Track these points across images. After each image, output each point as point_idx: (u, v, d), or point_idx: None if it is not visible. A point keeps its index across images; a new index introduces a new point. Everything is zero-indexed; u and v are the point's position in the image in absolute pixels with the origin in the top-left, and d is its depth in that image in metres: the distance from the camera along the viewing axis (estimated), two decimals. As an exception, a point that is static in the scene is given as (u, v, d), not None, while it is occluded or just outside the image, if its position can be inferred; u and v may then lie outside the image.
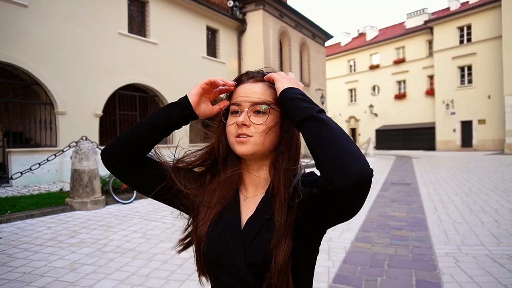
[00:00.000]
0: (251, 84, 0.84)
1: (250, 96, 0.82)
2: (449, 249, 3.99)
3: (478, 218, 5.41)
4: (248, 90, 0.83)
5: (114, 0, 10.73)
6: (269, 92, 0.83)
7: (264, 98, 0.82)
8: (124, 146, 0.85)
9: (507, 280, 3.10)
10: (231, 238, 0.81)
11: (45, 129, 9.34)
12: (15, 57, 8.38)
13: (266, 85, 0.84)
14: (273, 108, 0.82)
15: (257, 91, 0.83)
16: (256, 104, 0.81)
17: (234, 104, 0.84)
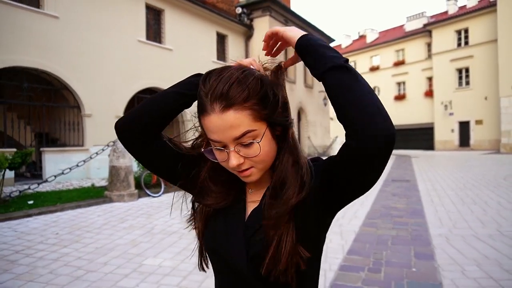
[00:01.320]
0: (221, 116, 0.67)
1: (227, 132, 0.68)
2: (442, 231, 4.77)
3: (469, 208, 6.20)
4: (220, 124, 0.68)
5: (133, 9, 11.53)
6: (245, 117, 0.68)
7: (244, 128, 0.68)
8: (147, 115, 0.79)
9: (487, 250, 3.89)
10: (234, 230, 0.77)
11: (73, 130, 10.13)
12: (49, 65, 9.17)
13: (237, 110, 0.67)
14: (260, 133, 0.70)
15: (232, 123, 0.67)
16: (239, 138, 0.69)
17: (213, 141, 0.71)
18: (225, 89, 0.67)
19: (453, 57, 26.64)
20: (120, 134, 0.82)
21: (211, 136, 0.70)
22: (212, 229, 0.81)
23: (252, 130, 0.69)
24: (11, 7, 8.50)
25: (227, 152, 0.70)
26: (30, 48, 8.78)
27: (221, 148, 0.71)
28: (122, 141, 0.82)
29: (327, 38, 22.77)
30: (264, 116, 0.70)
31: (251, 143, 0.69)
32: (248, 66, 0.74)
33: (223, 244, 0.77)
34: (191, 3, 13.44)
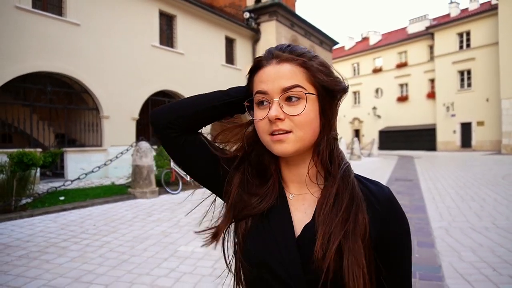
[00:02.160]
0: (276, 66, 0.67)
1: (277, 81, 0.66)
2: (442, 224, 5.26)
3: (468, 205, 6.67)
4: (273, 73, 0.67)
5: (147, 15, 12.06)
6: (299, 72, 0.67)
7: (295, 82, 0.66)
8: (189, 106, 0.77)
9: (482, 240, 4.37)
10: (284, 246, 0.68)
11: (92, 131, 10.66)
12: (71, 69, 9.71)
13: (294, 64, 0.67)
14: (309, 92, 0.67)
15: (285, 74, 0.66)
16: (287, 90, 0.66)
17: (259, 92, 0.68)
18: (284, 45, 0.71)
19: (455, 60, 27.07)
20: (156, 120, 0.78)
21: (259, 86, 0.68)
22: (256, 241, 0.72)
23: (302, 87, 0.67)
24: (37, 15, 9.04)
25: (269, 105, 0.67)
26: (54, 54, 9.32)
27: (265, 101, 0.68)
28: (156, 127, 0.78)
29: (331, 41, 23.28)
30: (318, 81, 0.68)
31: (297, 100, 0.66)
32: None
33: (270, 261, 0.68)
34: (201, 9, 13.97)
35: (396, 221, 0.71)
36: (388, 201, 0.71)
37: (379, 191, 0.72)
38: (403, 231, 0.72)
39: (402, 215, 0.73)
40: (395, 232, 0.71)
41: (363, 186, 0.72)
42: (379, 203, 0.70)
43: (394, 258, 0.71)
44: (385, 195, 0.72)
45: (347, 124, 35.88)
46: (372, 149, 22.69)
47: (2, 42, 8.31)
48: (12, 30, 8.49)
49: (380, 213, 0.69)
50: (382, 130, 32.91)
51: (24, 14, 8.73)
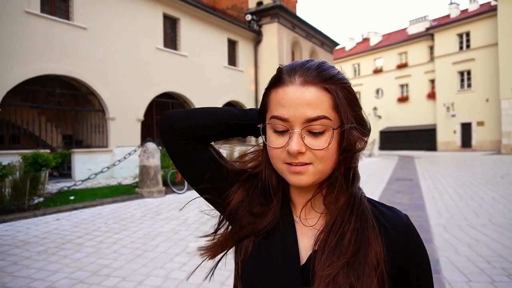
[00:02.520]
0: (300, 89, 0.59)
1: (301, 109, 0.58)
2: (440, 222, 5.45)
3: (466, 203, 6.87)
4: (297, 98, 0.58)
5: (151, 18, 12.28)
6: (325, 99, 0.59)
7: (321, 112, 0.58)
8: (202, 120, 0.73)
9: (478, 236, 4.56)
10: (287, 274, 0.63)
11: (98, 133, 10.88)
12: (78, 72, 9.93)
13: (320, 89, 0.59)
14: (336, 128, 0.60)
15: (311, 101, 0.58)
16: (312, 122, 0.58)
17: (278, 118, 0.60)
18: (312, 65, 0.62)
19: (455, 60, 27.26)
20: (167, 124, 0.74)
21: (278, 111, 0.60)
22: (256, 264, 0.67)
23: (328, 119, 0.59)
24: (45, 19, 9.26)
25: (290, 135, 0.60)
26: (61, 57, 9.54)
27: (283, 130, 0.61)
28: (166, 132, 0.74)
29: (332, 42, 23.49)
30: (343, 110, 0.61)
31: (321, 133, 0.59)
32: None
33: (277, 286, 0.63)
34: (204, 11, 14.19)
35: (416, 252, 0.65)
36: (406, 229, 0.65)
37: (396, 218, 0.66)
38: (423, 262, 0.66)
39: (422, 245, 0.67)
40: (415, 264, 0.65)
41: (378, 212, 0.66)
42: (396, 231, 0.64)
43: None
44: (403, 222, 0.66)
45: (348, 125, 36.08)
46: (373, 150, 22.88)
47: (11, 45, 8.53)
48: (21, 33, 8.72)
49: (397, 242, 0.63)
50: (382, 130, 33.10)
51: (33, 18, 8.95)
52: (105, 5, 10.70)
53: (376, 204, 0.69)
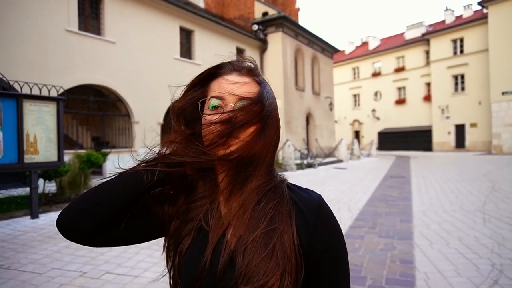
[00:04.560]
0: (237, 77, 0.71)
1: (235, 90, 0.68)
2: (421, 208, 6.76)
3: (446, 195, 8.17)
4: (234, 83, 0.70)
5: (170, 31, 13.60)
6: (254, 87, 0.71)
7: (251, 95, 0.69)
8: (94, 213, 0.66)
9: (447, 218, 5.87)
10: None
11: (124, 135, 12.19)
12: (108, 81, 11.24)
13: (252, 80, 0.72)
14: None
15: (244, 86, 0.69)
16: (243, 99, 0.68)
17: (215, 97, 0.69)
18: (247, 64, 0.75)
19: (449, 65, 28.60)
20: (64, 230, 0.67)
21: (215, 92, 0.70)
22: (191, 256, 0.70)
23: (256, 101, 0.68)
24: (81, 36, 10.57)
25: (223, 107, 0.68)
26: (95, 69, 10.85)
27: (218, 103, 0.69)
28: (67, 236, 0.67)
29: (332, 48, 24.80)
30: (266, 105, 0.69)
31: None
32: None
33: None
34: (216, 23, 15.50)
35: (327, 226, 0.70)
36: (318, 207, 0.70)
37: (308, 198, 0.71)
38: (335, 237, 0.70)
39: (334, 221, 0.71)
40: (327, 238, 0.69)
41: (293, 194, 0.72)
42: (308, 209, 0.69)
43: (326, 267, 0.68)
44: (315, 201, 0.71)
45: (348, 126, 37.40)
46: (371, 150, 24.21)
47: (55, 59, 9.83)
48: (62, 49, 10.02)
49: (309, 220, 0.68)
50: (381, 131, 34.42)
51: (72, 36, 10.25)
52: (130, 21, 12.01)
53: (293, 188, 0.74)
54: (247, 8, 19.22)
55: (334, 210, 6.61)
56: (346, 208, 6.85)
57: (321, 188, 9.71)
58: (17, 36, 9.01)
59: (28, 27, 9.22)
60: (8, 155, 5.35)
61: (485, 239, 4.53)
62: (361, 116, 36.65)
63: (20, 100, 5.47)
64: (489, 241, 4.45)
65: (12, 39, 8.89)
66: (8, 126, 5.37)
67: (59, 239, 4.70)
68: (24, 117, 5.52)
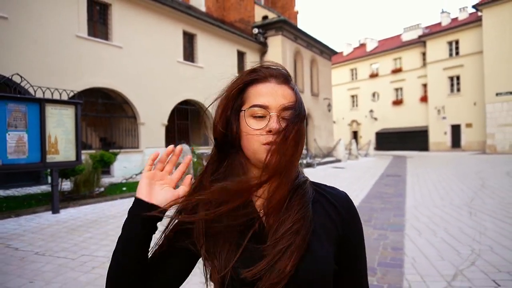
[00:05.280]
0: (276, 86, 0.72)
1: (277, 99, 0.71)
2: (413, 204, 7.24)
3: (437, 192, 8.66)
4: (274, 91, 0.71)
5: (173, 35, 14.07)
6: (292, 95, 0.73)
7: (291, 103, 0.72)
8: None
9: (436, 212, 6.36)
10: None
11: (130, 136, 12.64)
12: (115, 84, 11.70)
13: (289, 88, 0.74)
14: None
15: (285, 95, 0.72)
16: (286, 109, 0.71)
17: (258, 106, 0.71)
18: (284, 71, 0.77)
19: (445, 66, 29.16)
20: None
21: (257, 100, 0.71)
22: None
23: (298, 109, 0.72)
24: (90, 41, 11.03)
25: (268, 118, 0.70)
26: (103, 72, 11.30)
27: (262, 115, 0.70)
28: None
29: (330, 51, 25.31)
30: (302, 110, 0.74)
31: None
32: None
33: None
34: (217, 27, 15.97)
35: (356, 221, 0.78)
36: (348, 202, 0.78)
37: (337, 194, 0.78)
38: (361, 229, 0.79)
39: (358, 215, 0.80)
40: (357, 231, 0.78)
41: (321, 190, 0.78)
42: (339, 204, 0.76)
43: (355, 256, 0.77)
44: (345, 197, 0.78)
45: (346, 126, 37.93)
46: (368, 150, 24.72)
47: (65, 64, 10.29)
48: (73, 54, 10.48)
49: (341, 213, 0.75)
50: (378, 131, 34.95)
51: (81, 41, 10.71)
52: (136, 26, 12.48)
53: (319, 185, 0.81)
54: (248, 12, 19.71)
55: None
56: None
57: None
58: (33, 43, 9.48)
59: (42, 34, 9.68)
60: (32, 155, 5.81)
61: (469, 230, 5.02)
62: (359, 116, 37.19)
63: (43, 104, 5.93)
64: (472, 231, 4.94)
65: (28, 46, 9.36)
66: (32, 129, 5.83)
67: (82, 231, 5.17)
68: (46, 120, 5.98)
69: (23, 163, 5.69)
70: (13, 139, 5.58)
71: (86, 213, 6.42)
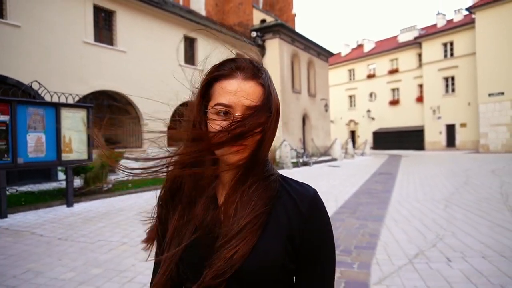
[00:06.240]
0: (242, 82, 0.71)
1: (241, 99, 0.70)
2: (398, 199, 7.85)
3: (422, 188, 9.28)
4: (238, 90, 0.70)
5: (174, 40, 14.68)
6: (259, 91, 0.72)
7: (257, 102, 0.71)
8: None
9: (417, 206, 6.97)
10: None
11: (134, 136, 13.27)
12: (120, 87, 12.32)
13: (256, 83, 0.72)
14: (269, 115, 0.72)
15: (249, 93, 0.71)
16: (249, 109, 0.70)
17: (220, 105, 0.71)
18: (253, 63, 0.74)
19: (440, 67, 29.78)
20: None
21: (221, 99, 0.70)
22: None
23: (262, 108, 0.71)
24: (96, 46, 11.65)
25: (230, 115, 0.70)
26: (108, 76, 11.93)
27: (226, 112, 0.70)
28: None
29: (327, 52, 25.93)
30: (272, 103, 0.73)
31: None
32: None
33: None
34: (218, 32, 16.57)
35: (319, 220, 0.75)
36: (312, 201, 0.75)
37: (303, 192, 0.76)
38: (325, 230, 0.76)
39: (325, 215, 0.77)
40: (318, 230, 0.74)
41: (288, 187, 0.77)
42: (302, 201, 0.74)
43: (316, 259, 0.73)
44: (310, 196, 0.75)
45: (344, 126, 38.55)
46: (365, 149, 25.35)
47: (73, 68, 10.91)
48: (80, 59, 11.10)
49: (303, 210, 0.73)
50: (375, 131, 35.59)
51: (88, 46, 11.34)
52: (140, 31, 13.10)
53: (288, 181, 0.79)
54: (246, 15, 20.32)
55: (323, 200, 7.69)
56: (333, 199, 7.95)
57: (314, 183, 10.70)
58: (44, 50, 10.11)
59: (52, 40, 10.31)
60: (49, 154, 6.43)
61: (440, 220, 5.64)
62: (356, 116, 37.81)
63: (59, 108, 6.56)
64: (442, 221, 5.57)
65: (40, 53, 9.98)
66: (49, 130, 6.45)
67: (95, 221, 5.79)
68: (61, 122, 6.60)
69: (41, 161, 6.31)
70: (32, 139, 6.20)
71: (98, 207, 7.05)
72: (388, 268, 3.63)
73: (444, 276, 3.36)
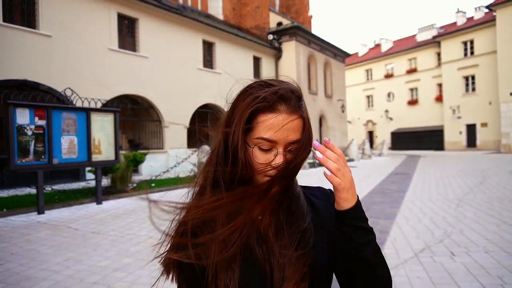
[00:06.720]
0: (286, 117, 0.70)
1: (286, 135, 0.70)
2: (411, 198, 8.03)
3: (437, 188, 9.40)
4: (284, 126, 0.70)
5: (194, 44, 15.21)
6: (301, 125, 0.72)
7: (299, 136, 0.72)
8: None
9: (430, 205, 7.16)
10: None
11: (155, 138, 13.84)
12: (143, 91, 12.90)
13: (299, 117, 0.72)
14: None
15: (294, 128, 0.71)
16: (292, 144, 0.71)
17: (265, 139, 0.70)
18: (295, 93, 0.73)
19: (460, 66, 29.35)
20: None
21: (265, 133, 0.69)
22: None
23: (304, 144, 0.73)
24: (120, 53, 12.26)
25: (274, 154, 0.71)
26: (131, 80, 12.51)
27: (268, 148, 0.71)
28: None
29: (343, 53, 26.01)
30: (308, 131, 0.74)
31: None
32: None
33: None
34: (235, 35, 17.02)
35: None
36: (328, 195, 0.85)
37: (324, 191, 0.87)
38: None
39: None
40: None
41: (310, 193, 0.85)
42: (329, 201, 0.83)
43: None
44: (330, 193, 0.85)
45: (361, 126, 38.40)
46: (382, 149, 25.30)
47: (98, 74, 11.53)
48: (105, 65, 11.71)
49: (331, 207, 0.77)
50: (394, 131, 35.31)
51: (112, 53, 11.95)
52: (160, 37, 13.66)
53: (308, 188, 0.86)
54: (263, 19, 20.68)
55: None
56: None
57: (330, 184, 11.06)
58: (73, 57, 10.76)
59: (79, 48, 10.96)
60: (81, 155, 6.96)
61: (450, 218, 5.84)
62: (374, 116, 37.60)
63: (89, 112, 7.08)
64: (452, 219, 5.77)
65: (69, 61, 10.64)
66: (80, 133, 6.98)
67: (124, 218, 6.27)
68: (91, 126, 7.13)
69: (74, 161, 6.85)
70: (66, 142, 6.74)
71: (125, 204, 7.55)
72: (394, 261, 3.91)
73: (446, 268, 3.62)
